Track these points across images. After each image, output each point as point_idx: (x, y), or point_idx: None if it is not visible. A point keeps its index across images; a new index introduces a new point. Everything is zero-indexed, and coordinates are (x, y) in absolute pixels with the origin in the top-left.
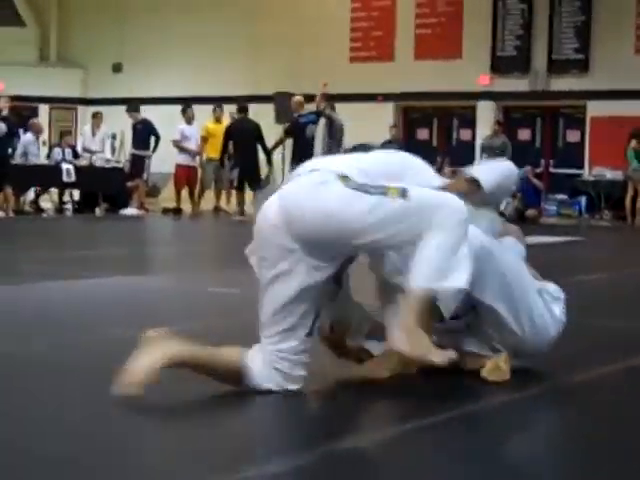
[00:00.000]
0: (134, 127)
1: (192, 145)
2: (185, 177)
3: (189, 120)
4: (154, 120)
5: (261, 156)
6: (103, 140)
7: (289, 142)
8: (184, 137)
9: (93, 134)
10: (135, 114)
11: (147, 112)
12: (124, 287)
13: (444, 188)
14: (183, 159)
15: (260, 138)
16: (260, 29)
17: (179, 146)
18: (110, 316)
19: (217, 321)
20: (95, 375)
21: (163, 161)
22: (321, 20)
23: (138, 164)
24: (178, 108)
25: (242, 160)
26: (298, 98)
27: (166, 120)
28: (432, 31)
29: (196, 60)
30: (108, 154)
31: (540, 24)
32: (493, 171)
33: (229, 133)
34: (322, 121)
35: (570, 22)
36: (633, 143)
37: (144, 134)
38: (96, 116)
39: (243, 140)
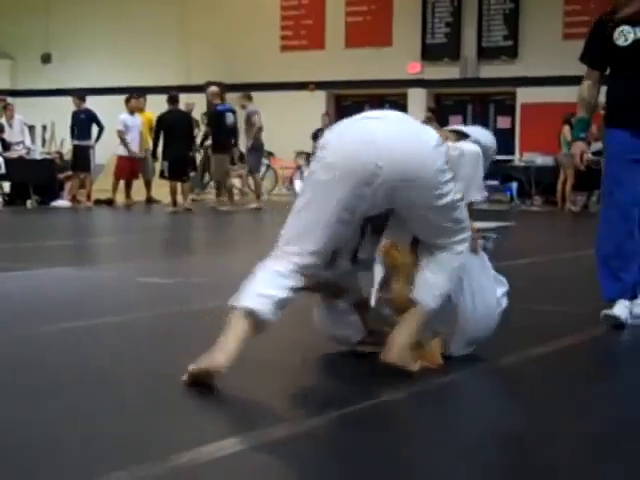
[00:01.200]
0: (76, 116)
1: (135, 135)
2: (128, 169)
3: (132, 110)
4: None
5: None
6: (22, 130)
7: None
8: (126, 127)
9: (10, 126)
10: (81, 102)
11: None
12: (54, 279)
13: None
14: (125, 150)
15: (191, 129)
16: (190, 19)
17: (122, 137)
18: (39, 308)
19: (145, 312)
20: (12, 368)
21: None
22: (252, 9)
23: (82, 155)
24: (108, 98)
25: (174, 151)
26: (213, 88)
27: (97, 111)
28: (362, 19)
29: (126, 50)
30: (28, 142)
31: (469, 11)
32: (479, 131)
33: (160, 124)
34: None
35: (499, 9)
36: (566, 128)
37: (87, 124)
38: (6, 107)
39: (174, 131)
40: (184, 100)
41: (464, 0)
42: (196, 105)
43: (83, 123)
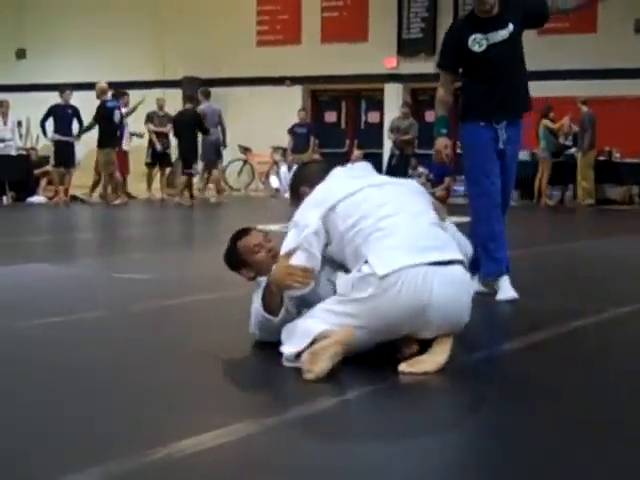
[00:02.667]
0: (60, 111)
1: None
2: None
3: (125, 105)
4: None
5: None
6: (14, 128)
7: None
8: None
9: (4, 123)
10: (67, 97)
11: (52, 99)
12: (29, 275)
13: None
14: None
15: (200, 124)
16: (166, 13)
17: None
18: (14, 304)
19: (120, 307)
20: (3, 363)
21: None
22: (227, 4)
23: (67, 151)
24: (83, 94)
25: (185, 147)
26: (102, 85)
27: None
28: (338, 14)
29: (101, 45)
30: (18, 141)
31: (445, 6)
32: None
33: (175, 124)
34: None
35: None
36: (544, 122)
37: (71, 119)
38: (2, 105)
39: (183, 129)
40: (157, 95)
41: None
42: (171, 99)
43: (68, 118)
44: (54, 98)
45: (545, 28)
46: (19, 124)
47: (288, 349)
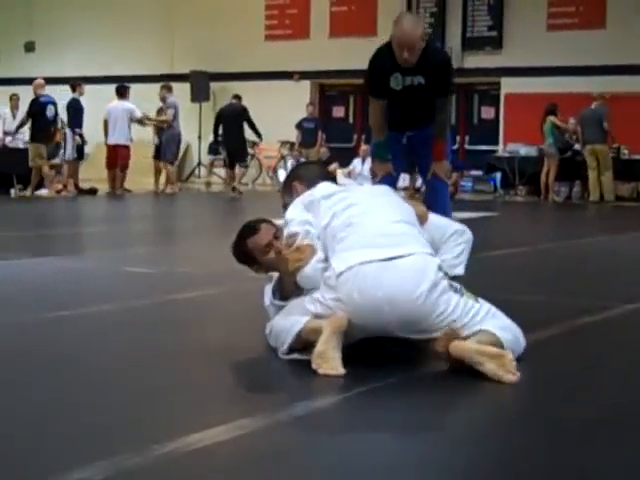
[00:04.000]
0: (77, 104)
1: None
2: (117, 157)
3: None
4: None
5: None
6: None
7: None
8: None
9: (13, 116)
10: (81, 90)
11: (60, 92)
12: (42, 269)
13: None
14: (111, 139)
15: (248, 120)
16: (175, 7)
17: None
18: (24, 298)
19: (131, 301)
20: (10, 358)
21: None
22: None
23: (81, 144)
24: (93, 87)
25: (228, 140)
26: (38, 81)
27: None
28: (347, 9)
29: (110, 39)
30: (27, 135)
31: (454, 2)
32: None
33: (220, 116)
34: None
35: (483, 0)
36: (550, 119)
37: (78, 112)
38: (13, 98)
39: (230, 122)
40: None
41: None
42: (179, 93)
43: (82, 112)
44: (63, 92)
45: (553, 24)
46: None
47: (281, 351)
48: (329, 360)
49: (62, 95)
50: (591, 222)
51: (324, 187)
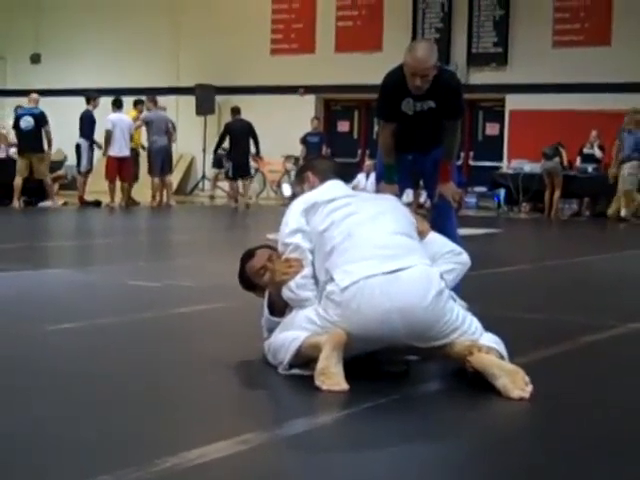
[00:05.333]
0: (90, 117)
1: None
2: (117, 169)
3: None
4: (73, 112)
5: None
6: None
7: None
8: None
9: None
10: (95, 103)
11: (65, 104)
12: (42, 281)
13: None
14: (114, 151)
15: (253, 135)
16: (181, 21)
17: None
18: (28, 310)
19: (135, 315)
20: (11, 370)
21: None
22: (242, 12)
23: (86, 155)
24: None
25: (236, 154)
26: (32, 95)
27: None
28: (353, 24)
29: (115, 52)
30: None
31: (459, 17)
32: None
33: (229, 131)
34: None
35: (489, 16)
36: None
37: (90, 123)
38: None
39: (239, 137)
40: (170, 102)
41: (454, 6)
42: (184, 107)
43: (94, 124)
44: (67, 104)
45: (559, 40)
46: None
47: (281, 368)
48: (332, 376)
49: (68, 106)
50: (594, 239)
51: (330, 188)
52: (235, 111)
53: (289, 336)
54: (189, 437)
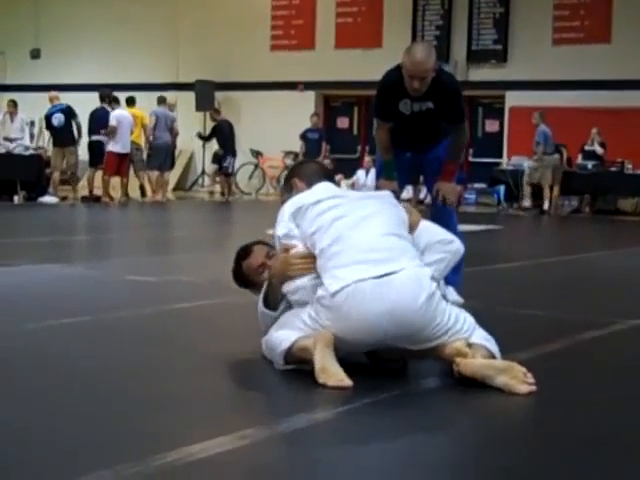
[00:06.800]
0: (99, 113)
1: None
2: (117, 165)
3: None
4: (73, 107)
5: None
6: (22, 127)
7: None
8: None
9: (11, 121)
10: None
11: (65, 99)
12: (41, 276)
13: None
14: (118, 147)
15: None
16: (181, 17)
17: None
18: (26, 305)
19: (133, 310)
20: (11, 366)
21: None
22: (242, 8)
23: (101, 151)
24: (97, 95)
25: (231, 153)
26: (51, 93)
27: (85, 107)
28: (353, 20)
29: (115, 47)
30: (27, 141)
31: (459, 15)
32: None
33: (218, 129)
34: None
35: (489, 13)
36: None
37: (105, 120)
38: (10, 104)
39: (229, 137)
40: (170, 97)
41: (454, 3)
42: (184, 103)
43: (103, 120)
44: (67, 99)
45: (559, 38)
46: (32, 124)
47: (277, 363)
48: (333, 374)
49: (67, 102)
50: (594, 236)
51: (316, 190)
52: (216, 111)
53: (281, 336)
54: (188, 432)
